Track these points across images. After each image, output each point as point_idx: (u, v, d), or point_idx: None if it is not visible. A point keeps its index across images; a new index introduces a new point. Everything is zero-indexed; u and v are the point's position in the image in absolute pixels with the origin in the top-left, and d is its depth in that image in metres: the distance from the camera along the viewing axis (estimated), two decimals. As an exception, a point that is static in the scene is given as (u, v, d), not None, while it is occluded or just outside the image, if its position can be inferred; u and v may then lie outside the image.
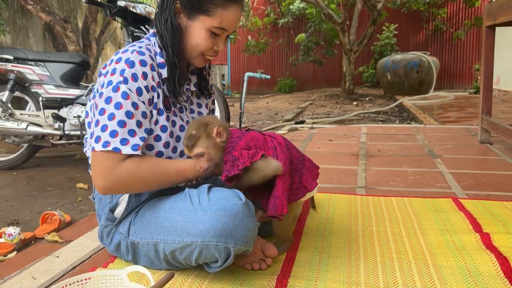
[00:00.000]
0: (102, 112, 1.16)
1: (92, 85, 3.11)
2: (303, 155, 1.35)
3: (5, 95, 3.12)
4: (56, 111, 3.06)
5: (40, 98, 3.08)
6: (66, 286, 1.04)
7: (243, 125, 5.12)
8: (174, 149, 1.29)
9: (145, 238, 1.21)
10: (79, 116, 2.98)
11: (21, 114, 3.13)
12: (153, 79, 1.21)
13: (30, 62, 3.15)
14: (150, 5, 3.10)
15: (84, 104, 3.02)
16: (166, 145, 1.26)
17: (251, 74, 4.53)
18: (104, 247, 1.49)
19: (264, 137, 1.26)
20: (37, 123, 3.08)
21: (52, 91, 3.09)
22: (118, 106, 1.14)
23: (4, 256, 1.66)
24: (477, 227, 1.54)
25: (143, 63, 1.19)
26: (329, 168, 2.54)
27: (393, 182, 2.25)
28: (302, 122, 5.45)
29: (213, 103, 1.52)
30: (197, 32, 1.23)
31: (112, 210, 1.30)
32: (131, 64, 1.17)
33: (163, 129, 1.25)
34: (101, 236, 1.34)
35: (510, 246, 1.38)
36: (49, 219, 1.97)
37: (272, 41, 12.29)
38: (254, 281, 1.20)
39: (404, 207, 1.79)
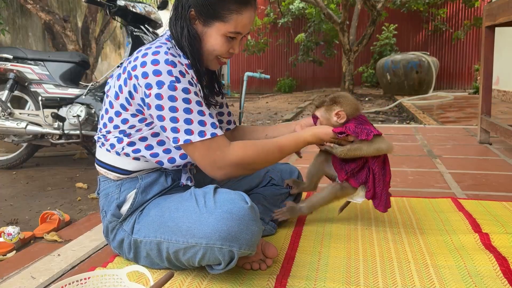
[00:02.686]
0: (174, 109, 1.18)
1: (92, 85, 3.10)
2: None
3: (4, 94, 3.12)
4: (55, 110, 3.05)
5: (40, 98, 3.07)
6: (65, 285, 1.04)
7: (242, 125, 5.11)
8: None
9: (149, 236, 1.21)
10: (78, 116, 2.98)
11: (20, 114, 3.12)
12: (192, 76, 1.24)
13: (29, 62, 3.15)
14: (150, 5, 3.10)
15: (83, 104, 3.01)
16: None
17: (250, 73, 4.52)
18: (103, 247, 1.49)
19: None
20: (37, 122, 3.08)
21: (51, 90, 3.08)
22: (187, 101, 1.18)
23: (3, 256, 1.65)
24: (476, 227, 1.54)
25: (180, 61, 1.22)
26: (328, 168, 2.54)
27: (392, 182, 2.23)
28: (302, 122, 5.43)
29: (223, 97, 1.53)
30: (213, 38, 1.25)
31: (119, 206, 1.30)
32: (172, 63, 1.18)
33: None
34: (105, 232, 1.34)
35: (509, 246, 1.39)
36: (48, 218, 1.97)
37: (271, 41, 12.28)
38: (253, 281, 1.20)
39: (403, 207, 1.79)
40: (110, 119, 1.28)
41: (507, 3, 2.57)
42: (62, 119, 3.01)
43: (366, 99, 8.62)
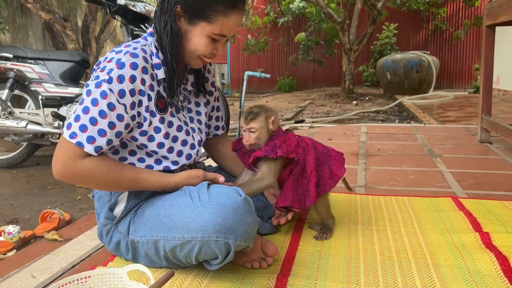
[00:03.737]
0: (81, 102, 1.16)
1: (92, 84, 3.10)
2: (327, 147, 1.52)
3: (4, 94, 3.11)
4: (55, 109, 3.06)
5: (40, 97, 3.07)
6: (65, 284, 1.04)
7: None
8: (170, 149, 1.28)
9: (145, 236, 1.21)
10: (78, 115, 2.98)
11: (20, 113, 3.12)
12: (143, 83, 1.19)
13: (29, 61, 3.15)
14: (150, 4, 3.10)
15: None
16: (160, 145, 1.26)
17: (250, 73, 4.52)
18: (103, 246, 1.49)
19: (297, 139, 1.43)
20: (37, 121, 3.08)
21: (51, 89, 3.09)
22: (94, 102, 1.14)
23: (3, 255, 1.65)
24: (476, 226, 1.54)
25: (133, 65, 1.17)
26: (328, 167, 2.54)
27: (393, 181, 2.25)
28: (302, 121, 5.45)
29: (217, 100, 1.51)
30: (197, 37, 1.22)
31: (111, 208, 1.30)
32: (120, 65, 1.16)
33: (157, 130, 1.24)
34: (100, 235, 1.34)
35: (509, 245, 1.38)
36: (48, 217, 1.97)
37: (272, 40, 12.28)
38: (254, 279, 1.20)
39: (404, 207, 1.79)
40: None
41: (508, 2, 2.56)
42: (62, 118, 3.01)
43: (366, 98, 8.62)
